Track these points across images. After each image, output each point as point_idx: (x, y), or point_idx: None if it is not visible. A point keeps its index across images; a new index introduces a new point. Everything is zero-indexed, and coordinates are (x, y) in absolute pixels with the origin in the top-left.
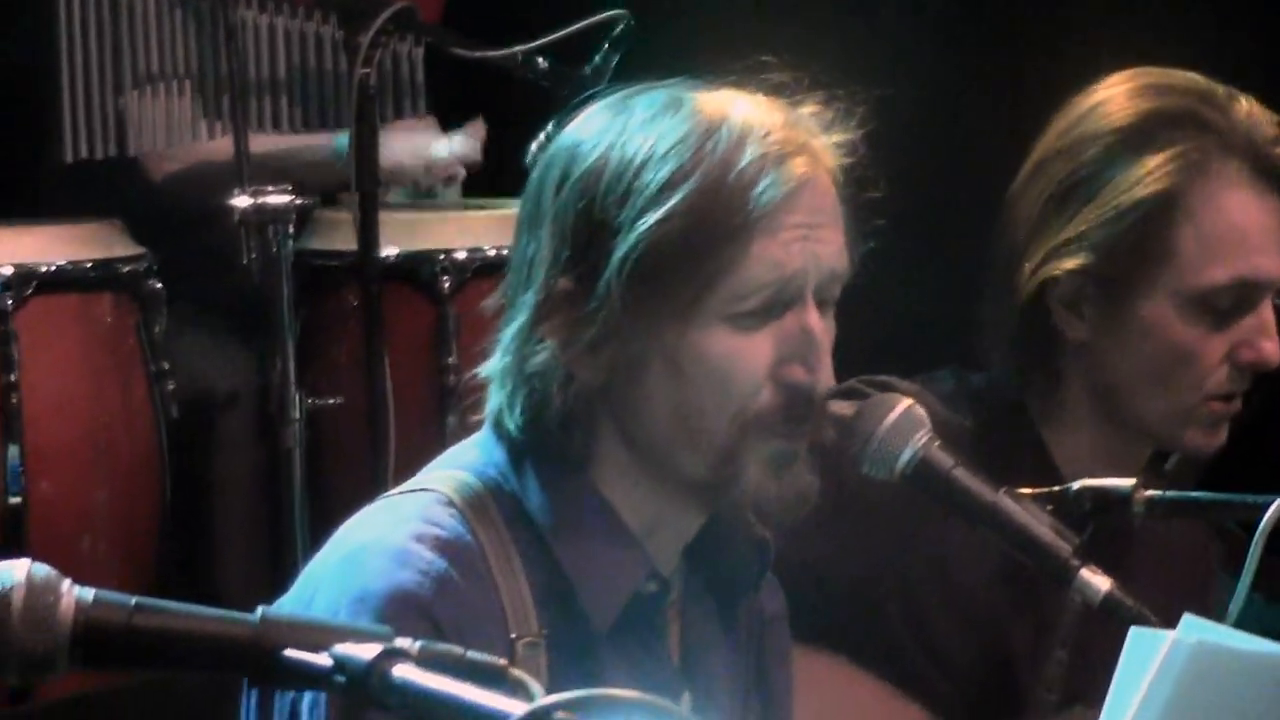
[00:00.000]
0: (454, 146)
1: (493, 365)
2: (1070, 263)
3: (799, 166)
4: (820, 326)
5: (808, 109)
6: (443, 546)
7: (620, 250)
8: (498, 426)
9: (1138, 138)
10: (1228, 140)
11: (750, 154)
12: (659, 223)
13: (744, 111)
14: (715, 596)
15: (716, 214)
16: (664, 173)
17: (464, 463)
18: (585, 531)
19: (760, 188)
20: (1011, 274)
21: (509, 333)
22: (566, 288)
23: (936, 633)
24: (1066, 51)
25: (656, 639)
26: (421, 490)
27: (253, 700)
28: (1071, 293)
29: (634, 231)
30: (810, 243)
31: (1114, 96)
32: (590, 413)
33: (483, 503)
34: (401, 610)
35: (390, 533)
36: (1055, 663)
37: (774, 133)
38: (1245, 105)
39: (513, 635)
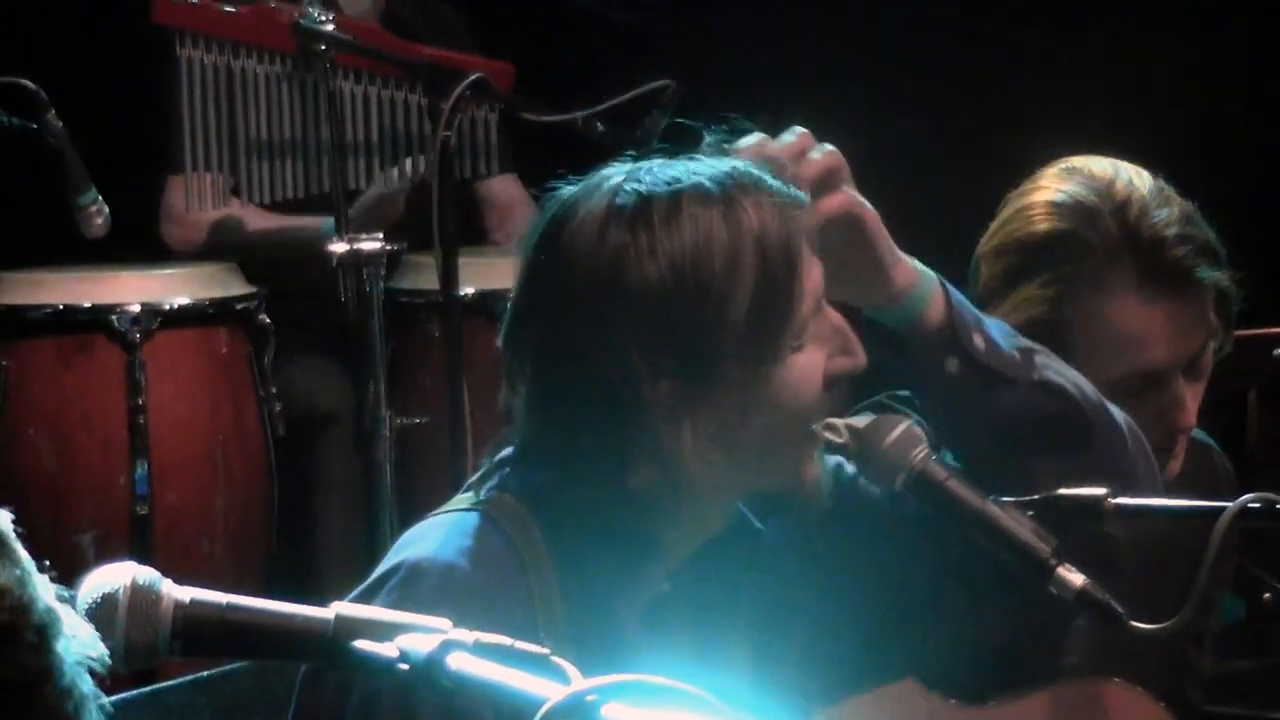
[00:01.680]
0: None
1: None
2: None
3: (787, 202)
4: (839, 316)
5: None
6: (482, 559)
7: (720, 339)
8: (538, 454)
9: (1032, 259)
10: (1113, 254)
11: (760, 210)
12: (739, 301)
13: (718, 176)
14: (719, 584)
15: (772, 271)
16: (717, 259)
17: (507, 483)
18: (614, 545)
19: (788, 234)
20: None
21: (582, 420)
22: (670, 387)
23: None
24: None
25: (672, 630)
26: (468, 510)
27: (305, 682)
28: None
29: (724, 320)
30: (817, 264)
31: (1028, 206)
32: (690, 486)
33: (521, 518)
34: (447, 615)
35: (440, 550)
36: (1078, 631)
37: (755, 184)
38: (1136, 207)
39: (543, 636)
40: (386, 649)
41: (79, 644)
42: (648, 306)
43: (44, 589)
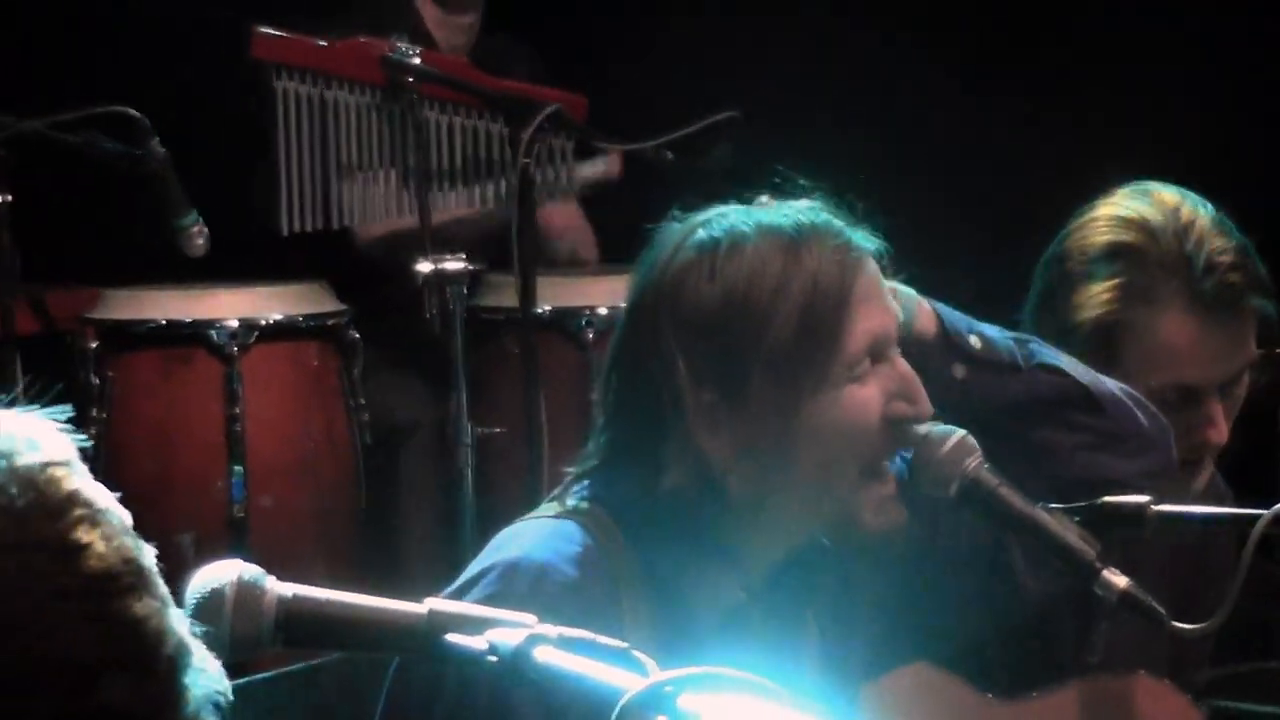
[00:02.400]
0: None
1: (607, 440)
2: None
3: (856, 253)
4: (909, 368)
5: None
6: (575, 561)
7: (757, 357)
8: (619, 478)
9: (1092, 264)
10: (1168, 271)
11: (823, 253)
12: (781, 324)
13: (800, 215)
14: (791, 594)
15: (821, 304)
16: (769, 283)
17: (594, 496)
18: (695, 556)
19: (847, 274)
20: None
21: (634, 432)
22: (710, 400)
23: None
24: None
25: (747, 636)
26: (564, 517)
27: (398, 672)
28: None
29: (762, 344)
30: (885, 308)
31: (1098, 218)
32: (725, 493)
33: (609, 528)
34: (539, 613)
35: (535, 550)
36: (1098, 633)
37: (830, 233)
38: (1196, 233)
39: (628, 637)
40: (476, 642)
41: (206, 678)
42: (697, 321)
43: (178, 622)
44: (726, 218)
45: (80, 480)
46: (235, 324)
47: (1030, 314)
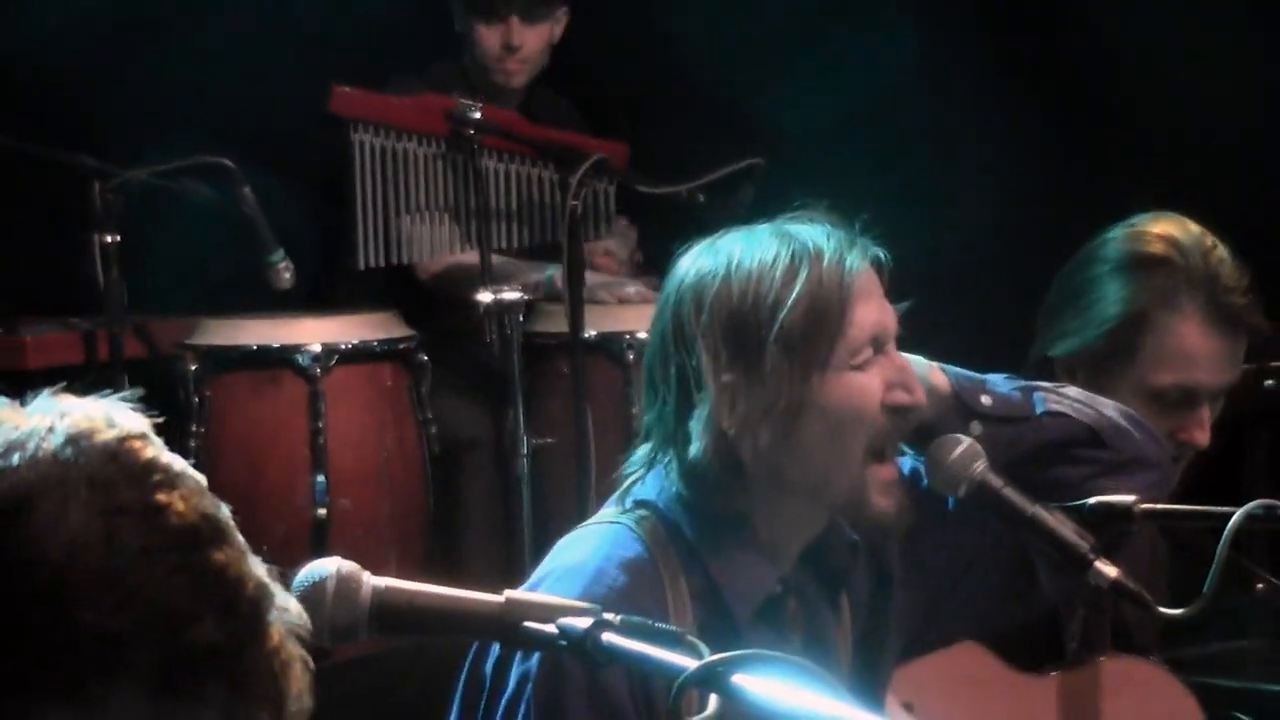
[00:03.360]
0: (634, 289)
1: (650, 442)
2: (1068, 344)
3: (860, 254)
4: (905, 361)
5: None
6: (626, 566)
7: (770, 338)
8: (664, 476)
9: (1128, 269)
10: (1194, 284)
11: (831, 250)
12: (790, 310)
13: (806, 226)
14: (824, 588)
15: (826, 295)
16: (779, 277)
17: (643, 500)
18: (730, 550)
19: (848, 270)
20: (1035, 345)
21: (666, 411)
22: (730, 380)
23: None
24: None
25: (783, 626)
26: (614, 523)
27: (472, 662)
28: (1068, 366)
29: (775, 324)
30: (884, 305)
31: (1130, 234)
32: (741, 466)
33: (656, 530)
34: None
35: (591, 556)
36: (1077, 619)
37: (834, 236)
38: (1217, 257)
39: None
40: (549, 628)
41: (288, 615)
42: (717, 312)
43: (257, 567)
44: (740, 231)
45: (156, 449)
46: (318, 348)
47: (1049, 313)
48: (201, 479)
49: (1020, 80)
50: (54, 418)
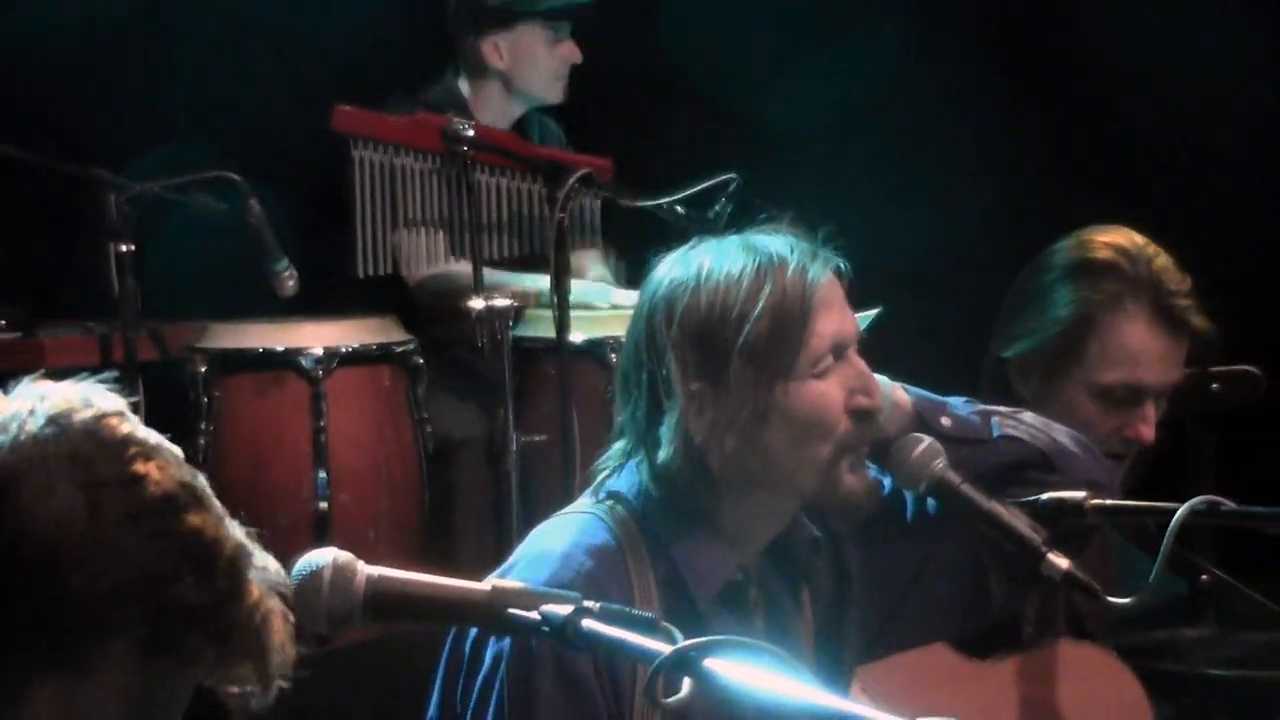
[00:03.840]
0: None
1: (624, 440)
2: (1021, 346)
3: (822, 266)
4: (865, 366)
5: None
6: (593, 553)
7: (735, 349)
8: (635, 471)
9: (1078, 275)
10: (1139, 288)
11: (794, 262)
12: (755, 322)
13: (772, 239)
14: (786, 580)
15: (789, 306)
16: (745, 290)
17: (614, 492)
18: (695, 539)
19: (809, 282)
20: (991, 348)
21: (637, 414)
22: (698, 388)
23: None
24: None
25: (745, 613)
26: (585, 513)
27: (453, 642)
28: (1022, 367)
29: (740, 337)
30: (845, 312)
31: (1079, 242)
32: (709, 469)
33: (625, 520)
34: None
35: (561, 543)
36: (1031, 605)
37: (797, 249)
38: (1161, 263)
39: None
40: (532, 614)
41: (267, 574)
42: (686, 323)
43: (234, 530)
44: (710, 242)
45: (131, 425)
46: (320, 351)
47: (1005, 317)
48: (177, 450)
49: (1006, 84)
50: (34, 401)
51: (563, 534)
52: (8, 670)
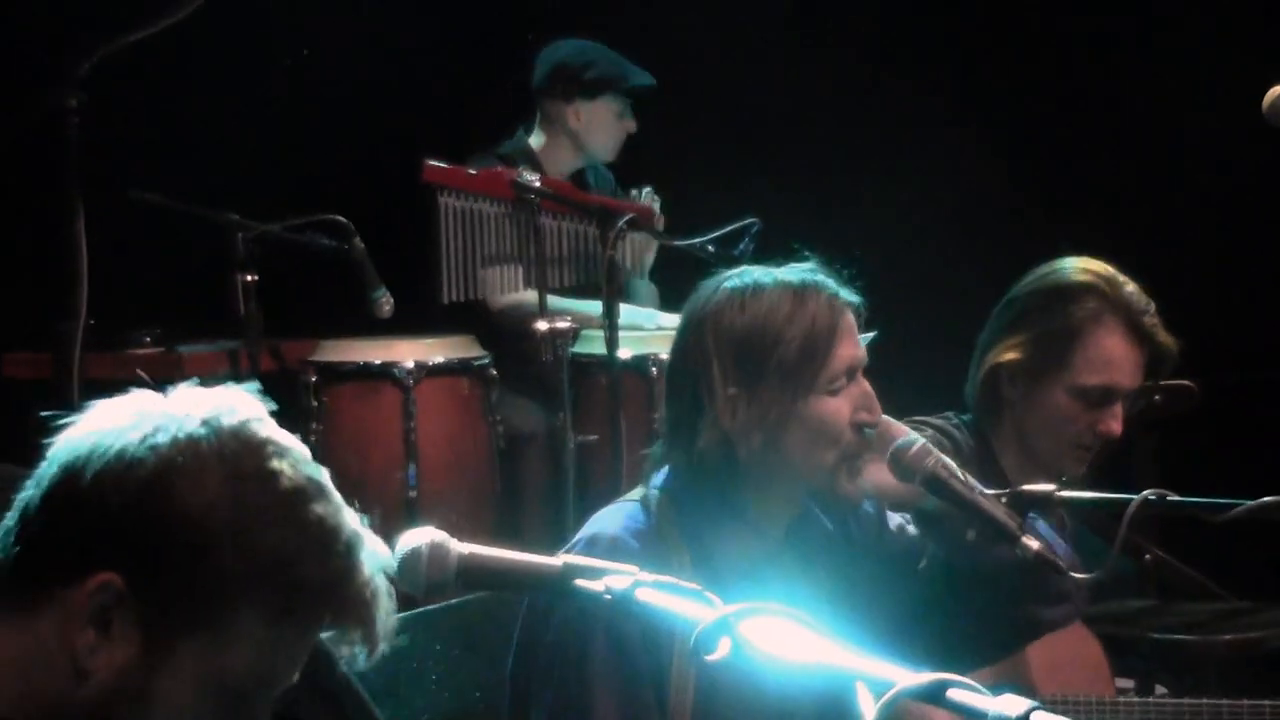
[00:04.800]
0: (663, 319)
1: (663, 436)
2: (1012, 355)
3: (842, 302)
4: (869, 387)
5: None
6: (637, 535)
7: (770, 364)
8: (674, 465)
9: (1063, 295)
10: (1114, 307)
11: (825, 295)
12: (788, 344)
13: (805, 273)
14: (800, 563)
15: (818, 333)
16: (783, 315)
17: (655, 484)
18: (723, 524)
19: (836, 314)
20: (982, 357)
21: (679, 414)
22: (734, 392)
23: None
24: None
25: (765, 591)
26: (631, 500)
27: (526, 610)
28: (1011, 372)
29: (775, 353)
30: (858, 343)
31: (1061, 269)
32: (737, 460)
33: (664, 508)
34: None
35: (611, 527)
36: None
37: (825, 286)
38: (1130, 288)
39: None
40: (597, 586)
41: (375, 556)
42: (728, 339)
43: (351, 518)
44: (752, 272)
45: (270, 428)
46: (411, 365)
47: (996, 332)
48: (305, 450)
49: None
50: (191, 405)
51: (613, 520)
52: (160, 631)
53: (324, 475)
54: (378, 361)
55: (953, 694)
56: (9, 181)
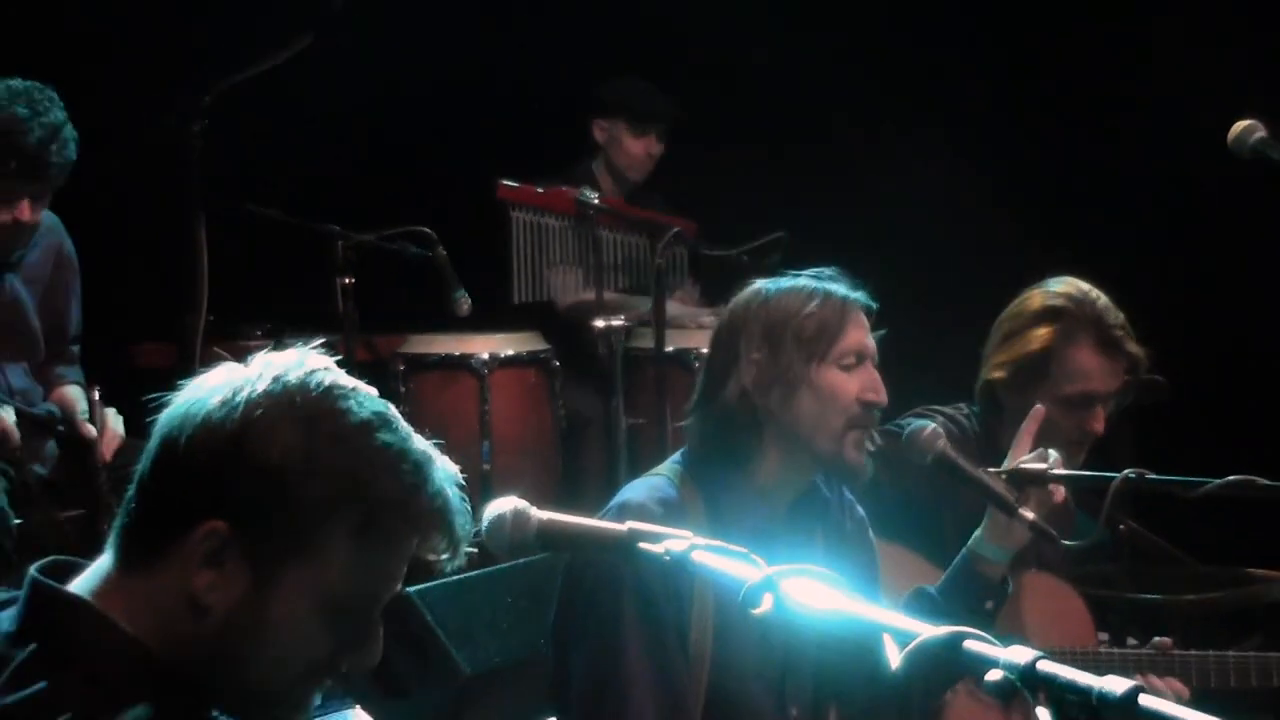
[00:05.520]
0: (704, 318)
1: (693, 409)
2: (999, 374)
3: (854, 298)
4: (877, 376)
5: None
6: (661, 502)
7: (789, 331)
8: (698, 423)
9: (1040, 318)
10: (1086, 324)
11: (838, 290)
12: (805, 317)
13: (819, 276)
14: (802, 529)
15: (830, 313)
16: (802, 298)
17: (680, 458)
18: (735, 491)
19: (846, 303)
20: (981, 368)
21: (709, 380)
22: (758, 359)
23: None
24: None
25: (772, 552)
26: (658, 474)
27: (566, 570)
28: (1006, 384)
29: (793, 323)
30: (868, 334)
31: (1040, 293)
32: (756, 412)
33: (685, 479)
34: None
35: (638, 496)
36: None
37: (840, 283)
38: (1102, 304)
39: None
40: (657, 548)
41: (445, 472)
42: (759, 315)
43: (419, 442)
44: (778, 279)
45: (334, 374)
46: (486, 356)
47: (992, 348)
48: (373, 390)
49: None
50: (262, 366)
51: (640, 489)
52: (265, 563)
53: (390, 409)
54: (457, 353)
55: (969, 645)
56: (143, 195)
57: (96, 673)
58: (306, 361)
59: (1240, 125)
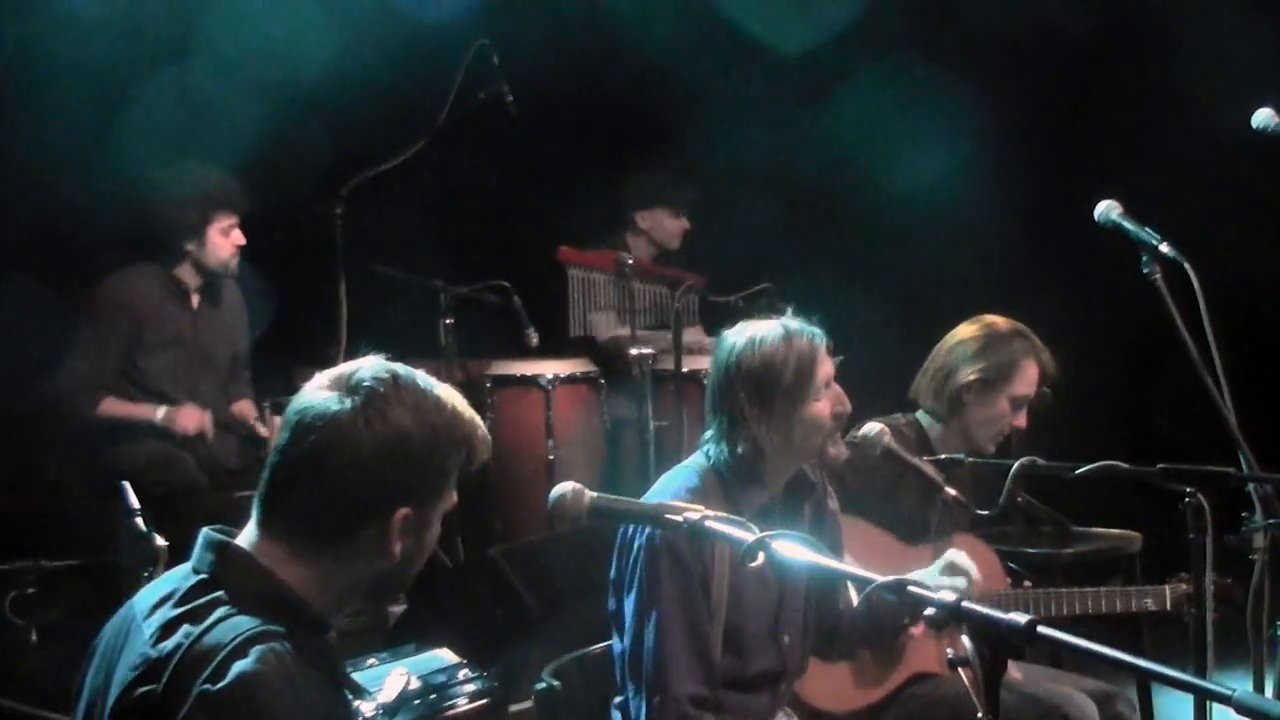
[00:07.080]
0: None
1: (711, 434)
2: (974, 376)
3: (818, 339)
4: (840, 389)
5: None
6: (689, 490)
7: (777, 391)
8: (719, 453)
9: (1002, 338)
10: (1031, 346)
11: (803, 339)
12: (784, 374)
13: (790, 321)
14: (795, 502)
15: (804, 363)
16: (780, 354)
17: (703, 453)
18: (745, 483)
19: (814, 347)
20: (943, 377)
21: (721, 425)
22: (756, 411)
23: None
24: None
25: (772, 523)
26: (685, 468)
27: (620, 536)
28: (971, 387)
29: (779, 383)
30: (829, 362)
31: (996, 321)
32: (761, 450)
33: (707, 473)
34: None
35: (672, 485)
36: (935, 516)
37: (805, 329)
38: (1025, 332)
39: None
40: (680, 519)
41: (482, 430)
42: (746, 378)
43: (472, 427)
44: (755, 322)
45: (408, 371)
46: (550, 376)
47: (961, 359)
48: (446, 386)
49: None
50: (370, 370)
51: (673, 480)
52: (429, 513)
53: (456, 396)
54: (529, 374)
55: (911, 589)
56: (299, 259)
57: (263, 599)
58: (389, 365)
59: (1103, 204)
